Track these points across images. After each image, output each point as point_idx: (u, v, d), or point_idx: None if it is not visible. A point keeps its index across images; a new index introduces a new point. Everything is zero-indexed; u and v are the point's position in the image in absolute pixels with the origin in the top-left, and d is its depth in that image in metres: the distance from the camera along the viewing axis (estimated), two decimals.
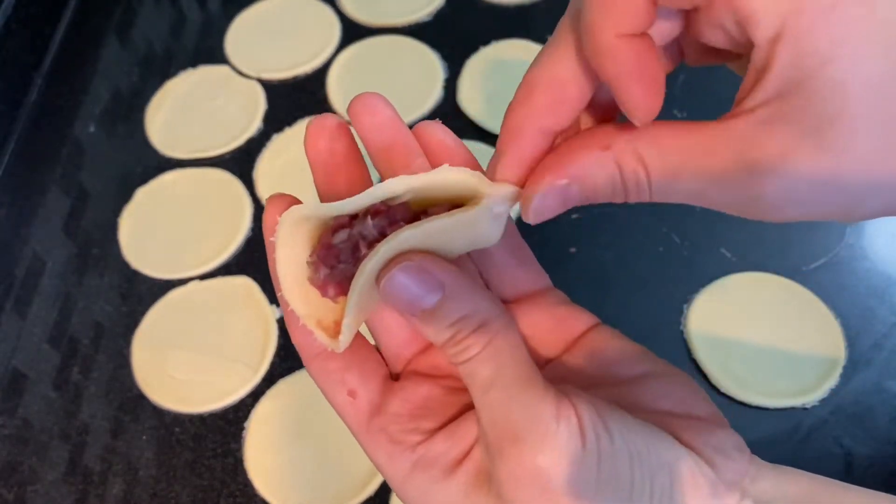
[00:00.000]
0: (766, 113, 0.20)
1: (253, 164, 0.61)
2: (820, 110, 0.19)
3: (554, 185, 0.23)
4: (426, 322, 0.23)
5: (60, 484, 0.48)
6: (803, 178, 0.19)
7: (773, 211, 0.20)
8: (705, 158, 0.21)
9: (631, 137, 0.22)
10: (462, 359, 0.23)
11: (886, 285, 0.52)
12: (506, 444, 0.22)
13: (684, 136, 0.21)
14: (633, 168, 0.22)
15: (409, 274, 0.22)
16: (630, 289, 0.53)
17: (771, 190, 0.20)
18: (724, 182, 0.20)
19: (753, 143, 0.20)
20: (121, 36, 0.71)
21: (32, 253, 0.58)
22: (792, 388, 0.48)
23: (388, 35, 0.68)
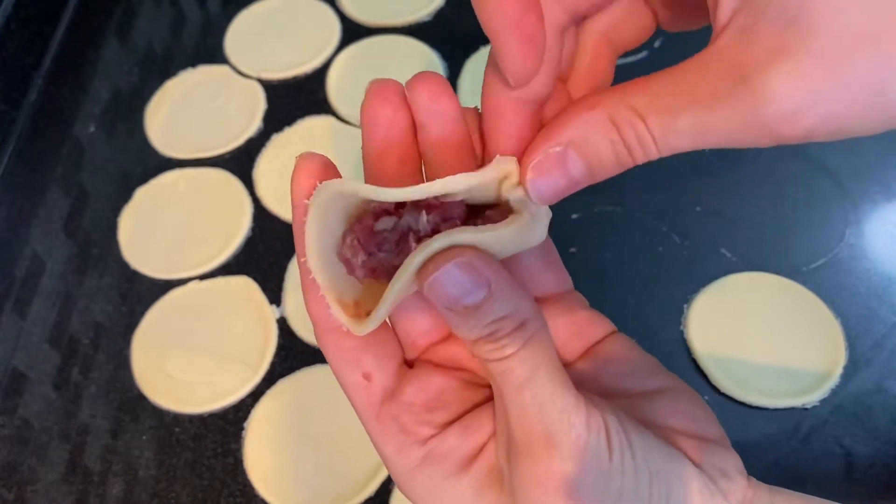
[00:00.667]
0: (742, 19, 0.18)
1: (253, 163, 0.61)
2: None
3: (548, 154, 0.21)
4: (466, 318, 0.22)
5: (60, 484, 0.48)
6: (799, 69, 0.17)
7: (785, 119, 0.18)
8: (698, 85, 0.19)
9: (620, 91, 0.21)
10: (497, 356, 0.22)
11: (886, 285, 0.52)
12: (536, 445, 0.22)
13: (672, 74, 0.20)
14: (628, 119, 0.20)
15: (460, 269, 0.22)
16: (630, 289, 0.53)
17: (772, 92, 0.18)
18: (724, 105, 0.19)
19: (738, 53, 0.18)
20: (121, 36, 0.71)
21: (32, 253, 0.58)
22: (792, 388, 0.48)
23: (388, 35, 0.68)
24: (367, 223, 0.23)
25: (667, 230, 0.55)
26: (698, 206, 0.56)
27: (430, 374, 0.26)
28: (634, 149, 0.20)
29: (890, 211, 0.55)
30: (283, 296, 0.55)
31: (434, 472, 0.23)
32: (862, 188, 0.56)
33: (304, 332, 0.53)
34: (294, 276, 0.55)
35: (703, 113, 0.19)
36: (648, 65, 0.64)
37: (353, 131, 0.62)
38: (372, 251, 0.23)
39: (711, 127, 0.19)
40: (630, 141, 0.20)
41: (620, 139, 0.20)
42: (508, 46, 0.21)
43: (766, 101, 0.18)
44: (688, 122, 0.19)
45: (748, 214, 0.55)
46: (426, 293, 0.22)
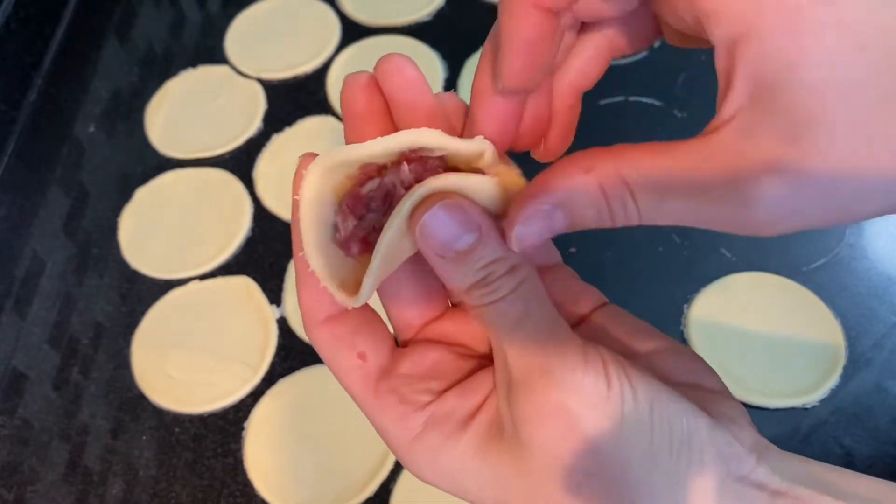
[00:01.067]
0: (744, 121, 0.19)
1: (253, 163, 0.61)
2: (797, 115, 0.18)
3: (538, 210, 0.22)
4: (459, 264, 0.23)
5: (60, 484, 0.48)
6: (790, 186, 0.19)
7: (766, 224, 0.20)
8: (691, 175, 0.20)
9: (614, 159, 0.21)
10: (490, 299, 0.23)
11: (886, 285, 0.52)
12: (534, 377, 0.22)
13: (667, 154, 0.21)
14: (618, 192, 0.21)
15: (449, 212, 0.22)
16: (630, 289, 0.53)
17: (760, 201, 0.19)
18: (712, 198, 0.20)
19: (735, 154, 0.19)
20: (121, 36, 0.71)
21: (32, 253, 0.58)
22: (792, 388, 0.48)
23: (388, 35, 0.68)
24: (355, 191, 0.24)
25: (667, 230, 0.55)
26: None
27: (425, 349, 0.26)
28: (617, 217, 0.22)
29: None
30: (283, 296, 0.55)
31: (435, 435, 0.24)
32: None
33: (304, 332, 0.53)
34: (294, 276, 0.55)
35: (691, 203, 0.20)
36: (648, 65, 0.64)
37: None
38: (362, 213, 0.24)
39: (695, 216, 0.21)
40: (616, 210, 0.22)
41: (607, 208, 0.22)
42: (513, 60, 0.22)
43: (753, 210, 0.19)
44: (675, 206, 0.20)
45: None
46: (418, 240, 0.23)
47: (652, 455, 0.22)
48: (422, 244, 0.23)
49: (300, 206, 0.24)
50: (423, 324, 0.28)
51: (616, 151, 0.21)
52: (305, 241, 0.24)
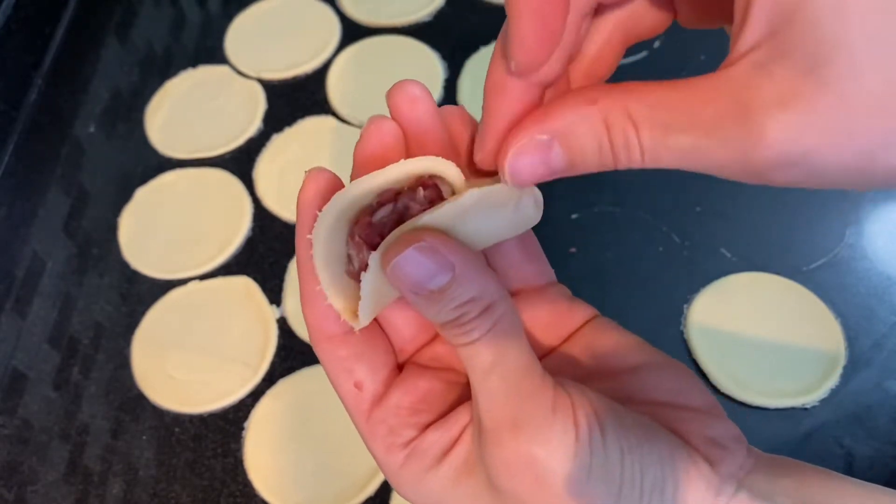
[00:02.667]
0: (761, 54, 0.18)
1: (253, 164, 0.61)
2: (818, 42, 0.16)
3: (533, 140, 0.21)
4: (431, 302, 0.22)
5: (60, 484, 0.48)
6: (803, 122, 0.17)
7: (775, 166, 0.18)
8: (699, 109, 0.18)
9: (621, 93, 0.20)
10: (464, 341, 0.23)
11: (886, 285, 0.52)
12: (503, 430, 0.22)
13: (676, 89, 0.19)
14: (621, 125, 0.20)
15: (421, 253, 0.22)
16: (630, 289, 0.53)
17: (769, 138, 0.17)
18: (719, 133, 0.18)
19: (748, 86, 0.18)
20: (121, 36, 0.71)
21: (32, 253, 0.58)
22: (792, 388, 0.48)
23: (388, 35, 0.68)
24: (365, 220, 0.23)
25: (667, 230, 0.55)
26: (698, 206, 0.56)
27: (417, 377, 0.26)
28: (620, 154, 0.20)
29: (890, 211, 0.55)
30: (283, 296, 0.55)
31: (416, 467, 0.24)
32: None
33: (304, 332, 0.53)
34: (294, 276, 0.55)
35: (697, 138, 0.19)
36: (648, 65, 0.64)
37: (353, 131, 0.62)
38: (375, 242, 0.23)
39: (701, 154, 0.19)
40: (618, 146, 0.20)
41: (609, 142, 0.20)
42: (524, 33, 0.20)
43: (761, 146, 0.18)
44: (680, 142, 0.19)
45: (748, 214, 0.55)
46: (389, 278, 0.22)
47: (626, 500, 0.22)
48: (394, 283, 0.22)
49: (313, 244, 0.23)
50: (416, 349, 0.28)
51: (624, 86, 0.20)
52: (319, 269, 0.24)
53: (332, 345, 0.25)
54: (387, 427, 0.25)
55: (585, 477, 0.21)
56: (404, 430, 0.25)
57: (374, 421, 0.25)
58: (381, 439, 0.25)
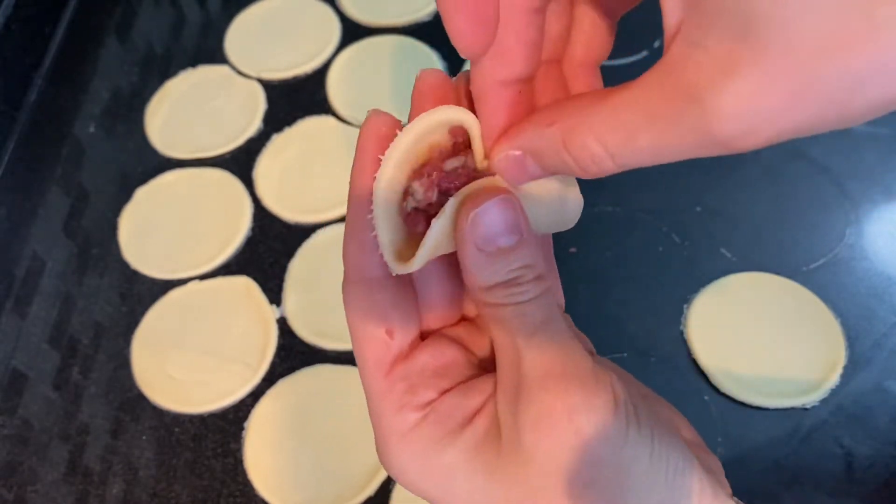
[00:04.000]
0: (689, 30, 0.17)
1: (253, 164, 0.61)
2: (737, 3, 0.16)
3: (507, 154, 0.22)
4: (493, 260, 0.23)
5: (60, 484, 0.48)
6: (753, 85, 0.16)
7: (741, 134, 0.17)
8: (653, 104, 0.18)
9: (576, 108, 0.20)
10: (517, 300, 0.23)
11: (886, 285, 0.52)
12: (551, 380, 0.22)
13: (630, 89, 0.19)
14: (580, 143, 0.20)
15: (504, 208, 0.23)
16: (630, 289, 0.53)
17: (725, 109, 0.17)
18: (677, 122, 0.18)
19: (688, 69, 0.17)
20: (121, 36, 0.71)
21: (32, 253, 0.58)
22: (792, 388, 0.48)
23: (388, 35, 0.68)
24: (439, 164, 0.24)
25: (667, 230, 0.55)
26: (698, 206, 0.56)
27: (444, 345, 0.26)
28: (588, 166, 0.20)
29: (890, 211, 0.55)
30: (283, 296, 0.55)
31: (432, 430, 0.24)
32: (862, 188, 0.56)
33: (304, 332, 0.53)
34: (294, 276, 0.55)
35: (659, 133, 0.18)
36: (648, 65, 0.63)
37: (353, 131, 0.62)
38: (445, 188, 0.24)
39: (668, 146, 0.18)
40: (582, 161, 0.20)
41: (572, 159, 0.21)
42: (456, 24, 0.21)
43: (719, 121, 0.17)
44: (645, 142, 0.19)
45: (748, 214, 0.55)
46: (463, 227, 0.23)
47: (650, 479, 0.22)
48: (467, 232, 0.23)
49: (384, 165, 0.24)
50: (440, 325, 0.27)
51: (578, 100, 0.21)
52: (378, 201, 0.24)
53: (368, 286, 0.25)
54: (407, 384, 0.24)
55: (622, 442, 0.22)
56: (425, 391, 0.24)
57: (395, 376, 0.24)
58: (396, 396, 0.24)
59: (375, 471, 0.47)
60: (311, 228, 0.58)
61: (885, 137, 0.58)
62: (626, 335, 0.51)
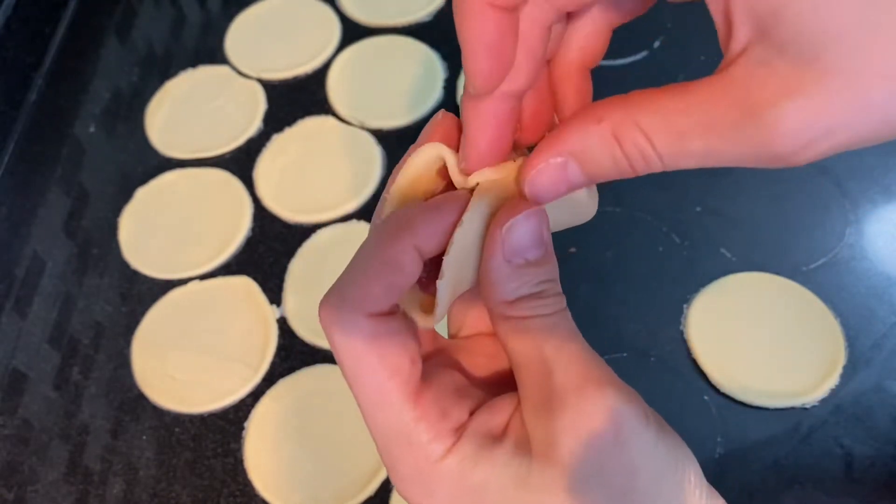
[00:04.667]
0: (758, 52, 0.18)
1: (253, 164, 0.61)
2: (810, 34, 0.17)
3: (549, 163, 0.22)
4: (521, 272, 0.23)
5: (60, 484, 0.48)
6: (814, 105, 0.18)
7: (795, 150, 0.18)
8: (709, 111, 0.19)
9: (626, 106, 0.21)
10: (543, 312, 0.23)
11: (886, 285, 0.52)
12: (588, 386, 0.22)
13: (682, 94, 0.20)
14: (632, 138, 0.20)
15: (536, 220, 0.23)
16: (630, 289, 0.53)
17: (784, 127, 0.18)
18: (734, 133, 0.19)
19: (751, 83, 0.18)
20: (121, 36, 0.71)
21: (32, 253, 0.58)
22: (792, 388, 0.48)
23: (388, 35, 0.68)
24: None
25: (667, 230, 0.55)
26: (698, 206, 0.56)
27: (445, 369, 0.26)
28: (636, 163, 0.21)
29: (890, 211, 0.55)
30: (283, 296, 0.55)
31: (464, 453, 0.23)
32: (862, 188, 0.56)
33: (304, 332, 0.53)
34: (294, 276, 0.55)
35: (713, 140, 0.19)
36: (648, 65, 0.64)
37: (353, 131, 0.62)
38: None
39: (722, 153, 0.19)
40: (633, 157, 0.21)
41: (623, 155, 0.21)
42: (478, 64, 0.22)
43: (778, 137, 0.18)
44: (697, 146, 0.20)
45: (748, 214, 0.55)
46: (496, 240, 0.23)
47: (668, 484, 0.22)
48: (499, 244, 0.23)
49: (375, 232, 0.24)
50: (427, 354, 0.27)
51: (628, 98, 0.21)
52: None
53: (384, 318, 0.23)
54: (438, 409, 0.24)
55: (654, 445, 0.22)
56: (457, 413, 0.24)
57: (426, 403, 0.23)
58: (431, 423, 0.23)
59: (375, 471, 0.47)
60: (311, 228, 0.58)
61: None
62: (626, 335, 0.51)
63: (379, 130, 0.62)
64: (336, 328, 0.23)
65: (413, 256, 0.23)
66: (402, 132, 0.62)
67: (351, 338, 0.23)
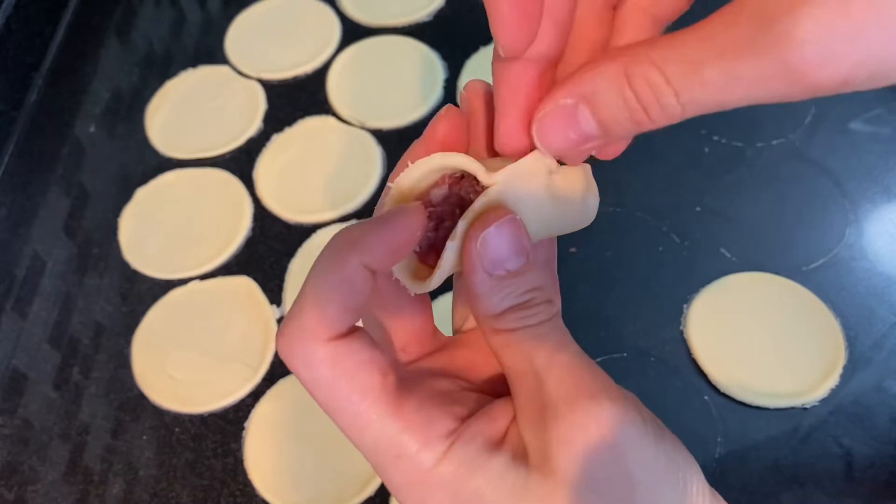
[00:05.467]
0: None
1: (253, 164, 0.61)
2: None
3: (557, 104, 0.21)
4: (504, 282, 0.23)
5: (60, 484, 0.48)
6: (832, 14, 0.16)
7: (820, 65, 0.17)
8: (723, 34, 0.18)
9: (642, 46, 0.19)
10: (533, 322, 0.23)
11: (886, 285, 0.52)
12: (581, 398, 0.21)
13: (697, 28, 0.19)
14: (643, 73, 0.19)
15: (511, 230, 0.22)
16: (630, 289, 0.53)
17: (802, 40, 0.16)
18: (750, 50, 0.17)
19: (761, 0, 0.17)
20: (121, 36, 0.71)
21: (32, 253, 0.58)
22: (792, 388, 0.48)
23: (388, 35, 0.68)
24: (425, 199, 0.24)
25: (667, 230, 0.55)
26: (698, 206, 0.56)
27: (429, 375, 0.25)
28: (651, 105, 0.19)
29: (890, 211, 0.55)
30: (283, 296, 0.55)
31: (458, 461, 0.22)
32: (862, 188, 0.56)
33: None
34: (294, 276, 0.55)
35: (729, 63, 0.18)
36: None
37: (353, 131, 0.62)
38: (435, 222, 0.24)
39: (739, 76, 0.18)
40: (644, 96, 0.19)
41: (633, 94, 0.19)
42: (504, 21, 0.21)
43: (796, 46, 0.17)
44: (714, 72, 0.18)
45: (748, 214, 0.55)
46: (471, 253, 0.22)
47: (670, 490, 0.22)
48: (476, 257, 0.22)
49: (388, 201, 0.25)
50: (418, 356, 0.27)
51: (646, 40, 0.20)
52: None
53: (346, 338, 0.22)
54: (422, 416, 0.22)
55: (652, 455, 0.21)
56: (444, 421, 0.23)
57: (407, 411, 0.22)
58: (418, 431, 0.22)
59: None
60: (311, 228, 0.58)
61: (885, 137, 0.58)
62: (626, 335, 0.51)
63: (379, 130, 0.62)
64: (297, 361, 0.22)
65: (364, 276, 0.22)
66: (402, 132, 0.62)
67: (313, 368, 0.22)
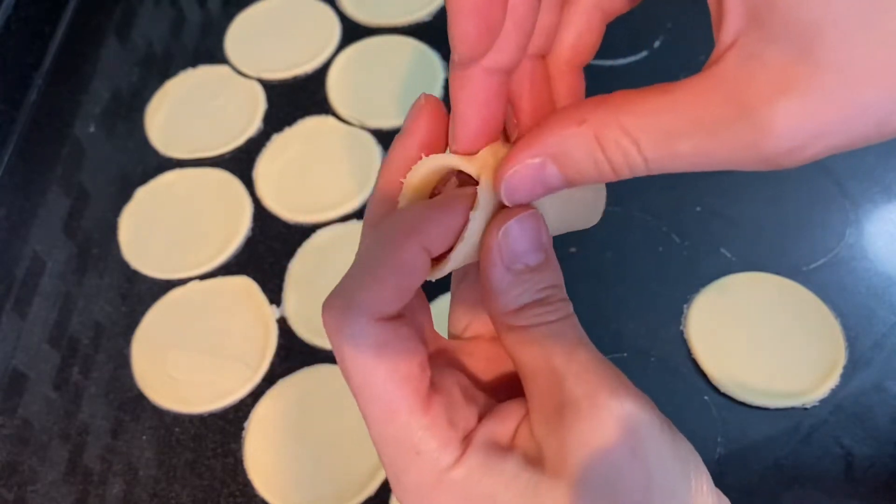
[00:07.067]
0: (748, 44, 0.17)
1: (253, 164, 0.61)
2: (803, 24, 0.16)
3: (526, 163, 0.21)
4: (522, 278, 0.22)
5: (60, 484, 0.48)
6: (808, 104, 0.17)
7: (788, 152, 0.17)
8: (698, 110, 0.18)
9: (609, 107, 0.20)
10: (549, 319, 0.23)
11: (886, 285, 0.52)
12: (601, 394, 0.21)
13: (668, 93, 0.19)
14: (615, 140, 0.19)
15: (532, 224, 0.22)
16: (630, 289, 0.53)
17: (777, 126, 0.17)
18: (724, 132, 0.18)
19: (743, 79, 0.17)
20: (121, 36, 0.71)
21: (32, 253, 0.58)
22: (792, 388, 0.48)
23: (388, 35, 0.68)
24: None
25: (667, 230, 0.55)
26: (698, 206, 0.56)
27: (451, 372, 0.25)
28: (619, 167, 0.20)
29: (890, 211, 0.55)
30: (283, 296, 0.55)
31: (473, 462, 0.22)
32: (862, 188, 0.56)
33: (304, 332, 0.53)
34: (294, 276, 0.55)
35: (702, 140, 0.18)
36: (648, 65, 0.64)
37: (353, 131, 0.62)
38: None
39: (709, 155, 0.18)
40: (616, 161, 0.20)
41: (605, 158, 0.20)
42: (463, 26, 0.20)
43: (770, 137, 0.17)
44: (686, 146, 0.19)
45: (748, 214, 0.55)
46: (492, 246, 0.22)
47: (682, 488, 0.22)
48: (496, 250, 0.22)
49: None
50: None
51: (612, 98, 0.20)
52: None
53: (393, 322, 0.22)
54: (448, 416, 0.22)
55: (671, 457, 0.21)
56: (465, 421, 0.23)
57: (436, 410, 0.22)
58: (441, 430, 0.22)
59: (375, 471, 0.47)
60: (311, 228, 0.58)
61: None
62: (626, 335, 0.51)
63: (379, 130, 0.62)
64: (343, 335, 0.22)
65: (424, 258, 0.22)
66: None
67: (359, 347, 0.22)
